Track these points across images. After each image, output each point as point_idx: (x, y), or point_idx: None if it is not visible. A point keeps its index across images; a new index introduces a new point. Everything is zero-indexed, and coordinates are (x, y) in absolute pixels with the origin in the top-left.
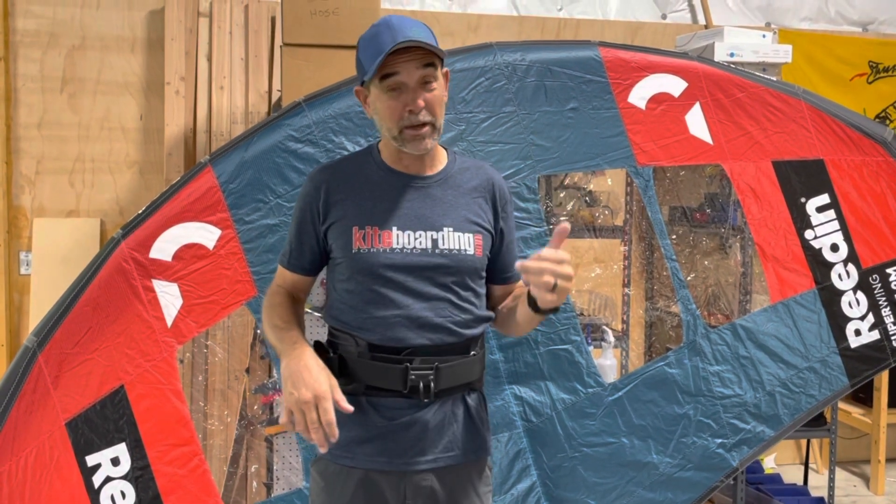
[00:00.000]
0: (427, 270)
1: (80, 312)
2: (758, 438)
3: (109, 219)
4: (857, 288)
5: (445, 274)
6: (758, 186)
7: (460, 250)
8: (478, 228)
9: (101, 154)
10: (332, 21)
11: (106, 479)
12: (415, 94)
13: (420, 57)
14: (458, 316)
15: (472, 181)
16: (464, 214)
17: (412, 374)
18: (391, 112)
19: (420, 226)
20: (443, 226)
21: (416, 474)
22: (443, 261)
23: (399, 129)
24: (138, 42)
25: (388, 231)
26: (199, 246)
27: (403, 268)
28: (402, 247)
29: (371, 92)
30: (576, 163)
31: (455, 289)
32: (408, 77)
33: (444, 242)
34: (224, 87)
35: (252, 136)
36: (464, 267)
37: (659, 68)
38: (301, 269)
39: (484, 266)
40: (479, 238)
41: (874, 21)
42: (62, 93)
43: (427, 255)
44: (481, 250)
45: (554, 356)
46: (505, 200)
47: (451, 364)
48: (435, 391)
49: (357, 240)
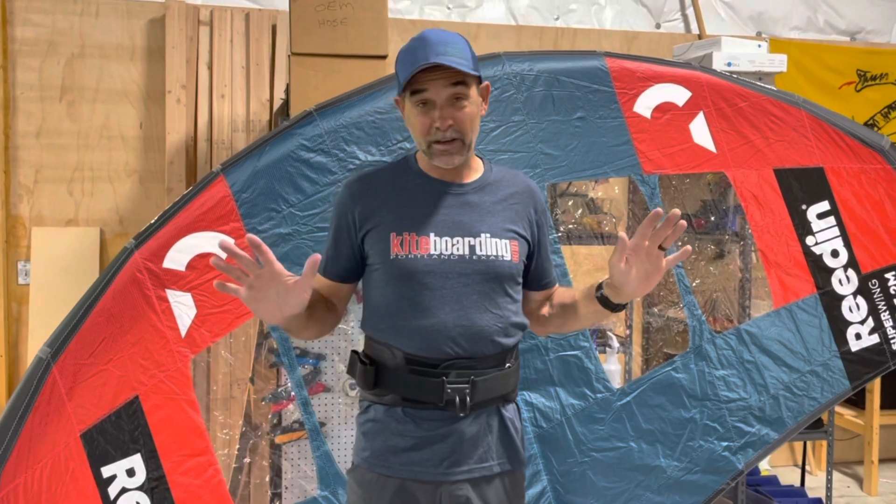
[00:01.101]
0: (464, 276)
1: (94, 323)
2: (762, 441)
3: (109, 228)
4: (857, 293)
5: (483, 280)
6: (760, 194)
7: (497, 256)
8: (514, 235)
9: (100, 163)
10: (340, 31)
11: (122, 491)
12: (442, 111)
13: (450, 75)
14: (496, 323)
15: (509, 189)
16: (500, 221)
17: (448, 387)
18: (420, 127)
19: (457, 232)
20: (480, 232)
21: (451, 484)
22: (480, 267)
23: (427, 143)
24: (138, 50)
25: (426, 237)
26: (213, 255)
27: (441, 273)
28: (440, 253)
29: (406, 105)
30: (583, 171)
31: (492, 295)
32: (436, 95)
33: (482, 248)
34: (225, 95)
35: (264, 145)
36: (501, 273)
37: (663, 78)
38: (337, 276)
39: (521, 272)
40: (516, 244)
41: (862, 30)
42: (61, 101)
43: (464, 261)
44: (518, 256)
45: (564, 362)
46: (542, 208)
47: (487, 377)
48: (471, 405)
49: (395, 245)
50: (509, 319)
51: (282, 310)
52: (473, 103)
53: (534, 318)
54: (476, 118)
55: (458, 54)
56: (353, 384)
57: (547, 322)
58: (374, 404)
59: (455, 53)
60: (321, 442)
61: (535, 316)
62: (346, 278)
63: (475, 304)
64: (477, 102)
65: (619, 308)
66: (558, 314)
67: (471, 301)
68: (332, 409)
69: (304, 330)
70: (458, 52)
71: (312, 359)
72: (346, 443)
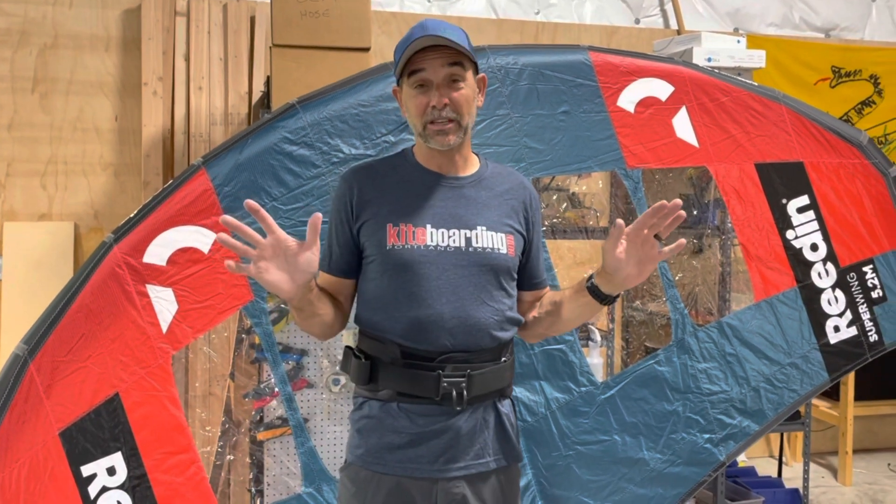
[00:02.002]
0: (461, 268)
1: (72, 319)
2: (744, 433)
3: (84, 222)
4: (836, 286)
5: (479, 272)
6: (741, 188)
7: (494, 249)
8: (510, 229)
9: (74, 156)
10: (322, 22)
11: (102, 490)
12: (439, 91)
13: (447, 56)
14: (492, 316)
15: (504, 184)
16: (496, 215)
17: (444, 381)
18: (416, 107)
19: (454, 224)
20: (476, 224)
21: (447, 481)
22: (476, 259)
23: (423, 124)
24: (113, 41)
25: (423, 228)
26: (195, 250)
27: (437, 264)
28: (437, 244)
29: (403, 90)
30: (568, 165)
31: (488, 287)
32: (433, 74)
33: (478, 241)
34: (203, 87)
35: (246, 138)
36: (497, 265)
37: (647, 72)
38: (340, 270)
39: (516, 266)
40: (511, 238)
41: (836, 27)
42: (33, 93)
43: (461, 252)
44: (513, 251)
45: (548, 356)
46: (535, 206)
47: (483, 371)
48: (467, 399)
49: (391, 236)
50: (505, 313)
51: (293, 278)
52: (469, 86)
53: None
54: (472, 102)
55: (456, 37)
56: (336, 380)
57: (536, 324)
58: (368, 400)
59: (453, 36)
60: (305, 438)
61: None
62: (349, 272)
63: (471, 295)
64: (473, 87)
65: (610, 300)
66: (550, 311)
67: (467, 293)
68: (316, 405)
69: (314, 314)
70: (456, 35)
71: (296, 354)
72: (330, 439)
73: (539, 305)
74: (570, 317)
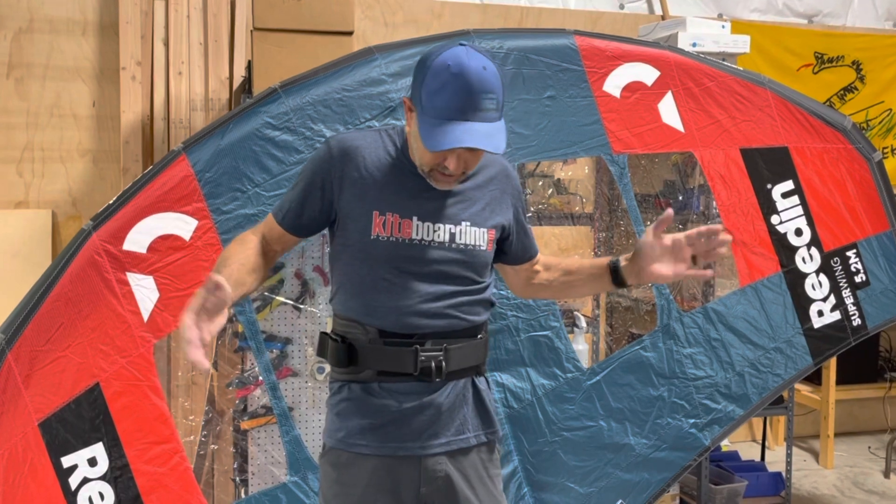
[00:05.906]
0: (443, 263)
1: (50, 308)
2: (728, 417)
3: (62, 210)
4: (820, 270)
5: (460, 268)
6: (727, 173)
7: (475, 246)
8: (492, 223)
9: (51, 142)
10: (304, 5)
11: (83, 481)
12: (460, 157)
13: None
14: (468, 306)
15: (487, 173)
16: (481, 209)
17: (422, 355)
18: (430, 157)
19: (440, 219)
20: (461, 220)
21: (430, 458)
22: (458, 256)
23: (430, 168)
24: (90, 25)
25: (409, 220)
26: (175, 237)
27: (420, 259)
28: (422, 238)
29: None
30: (554, 150)
31: (466, 281)
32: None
33: (461, 237)
34: (182, 72)
35: (227, 123)
36: (476, 262)
37: (632, 57)
38: (293, 227)
39: (492, 258)
40: (492, 233)
41: (819, 13)
42: (8, 78)
43: (444, 248)
44: (492, 245)
45: (534, 342)
46: (517, 190)
47: (460, 346)
48: (446, 372)
49: (377, 225)
50: (480, 303)
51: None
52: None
53: (527, 285)
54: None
55: (495, 107)
56: (321, 368)
57: (543, 289)
58: (348, 383)
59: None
60: (290, 426)
61: (530, 283)
62: (300, 232)
63: (450, 288)
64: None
65: (624, 284)
66: (563, 282)
67: (445, 286)
68: (301, 394)
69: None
70: (494, 101)
71: (280, 343)
72: (315, 427)
73: (549, 269)
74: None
